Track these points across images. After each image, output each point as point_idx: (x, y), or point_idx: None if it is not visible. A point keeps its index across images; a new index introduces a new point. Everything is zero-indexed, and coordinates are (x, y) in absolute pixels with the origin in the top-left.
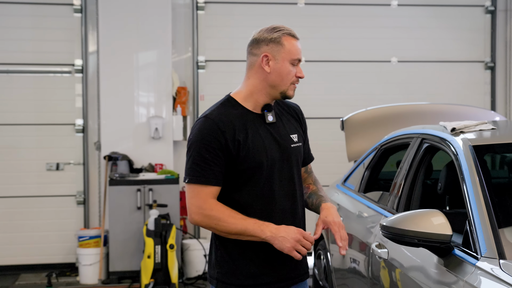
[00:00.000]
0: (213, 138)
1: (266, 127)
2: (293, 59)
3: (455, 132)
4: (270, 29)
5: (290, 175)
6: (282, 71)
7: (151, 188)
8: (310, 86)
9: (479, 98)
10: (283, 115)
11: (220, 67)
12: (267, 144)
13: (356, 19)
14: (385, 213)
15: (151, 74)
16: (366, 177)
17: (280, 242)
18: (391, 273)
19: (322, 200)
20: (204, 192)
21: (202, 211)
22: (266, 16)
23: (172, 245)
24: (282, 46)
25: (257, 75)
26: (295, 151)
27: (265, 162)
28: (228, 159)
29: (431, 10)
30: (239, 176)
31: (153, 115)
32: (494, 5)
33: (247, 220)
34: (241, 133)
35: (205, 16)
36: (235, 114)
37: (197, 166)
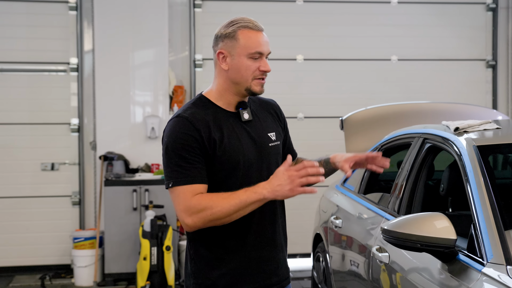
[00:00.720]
0: (189, 136)
1: (242, 126)
2: (251, 53)
3: (459, 131)
4: (227, 23)
5: (268, 175)
6: (239, 67)
7: (147, 189)
8: (309, 85)
9: (480, 97)
10: (259, 112)
11: None
12: (244, 144)
13: (355, 17)
14: (386, 215)
15: (147, 73)
16: (366, 178)
17: (279, 190)
18: (392, 277)
19: (325, 157)
20: (189, 191)
21: (192, 211)
22: (264, 14)
23: (169, 246)
24: (236, 41)
25: (220, 74)
26: (273, 150)
27: (242, 162)
28: (205, 158)
29: (432, 7)
30: (215, 176)
31: (149, 114)
32: (495, 3)
33: (236, 193)
34: (216, 132)
35: (202, 14)
36: (208, 113)
37: (178, 167)
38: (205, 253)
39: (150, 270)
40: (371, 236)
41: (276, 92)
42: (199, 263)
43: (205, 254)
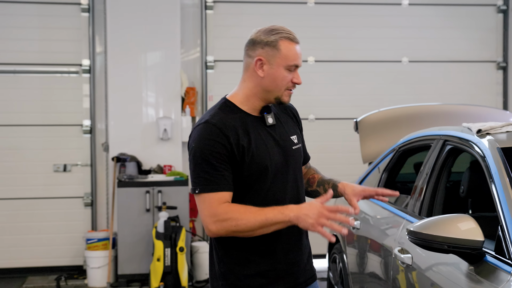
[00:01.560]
0: (217, 143)
1: (267, 130)
2: (289, 65)
3: (481, 133)
4: (268, 30)
5: (294, 178)
6: (276, 76)
7: (160, 190)
8: (320, 86)
9: (491, 99)
10: (280, 115)
11: (229, 67)
12: (270, 148)
13: (366, 19)
14: (407, 217)
15: (159, 74)
16: (383, 180)
17: (303, 220)
18: (415, 278)
19: (334, 181)
20: (215, 199)
21: (217, 218)
22: (275, 16)
23: (182, 247)
24: (278, 51)
25: (252, 79)
26: (296, 153)
27: (270, 166)
28: (234, 165)
29: (442, 9)
30: (243, 182)
31: (161, 115)
32: (506, 4)
33: (264, 209)
34: (244, 137)
35: (214, 16)
36: (235, 118)
37: (205, 174)
38: (235, 254)
39: (164, 271)
40: (391, 238)
41: None
42: (229, 264)
43: (236, 255)
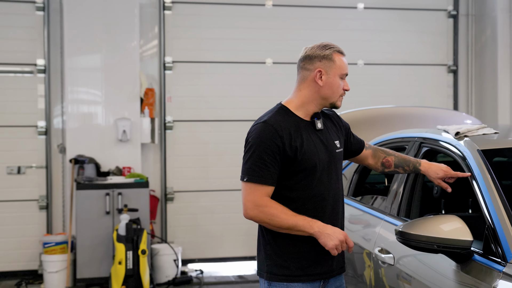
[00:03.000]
0: (272, 142)
1: (316, 134)
2: (342, 74)
3: (459, 136)
4: (322, 46)
5: (337, 177)
6: (333, 84)
7: (120, 192)
8: (278, 88)
9: (442, 101)
10: (326, 122)
11: (188, 68)
12: (319, 149)
13: (323, 22)
14: (385, 218)
15: (118, 75)
16: (355, 181)
17: (325, 238)
18: (398, 278)
19: (414, 163)
20: (260, 190)
21: (258, 207)
22: (234, 17)
23: (144, 250)
24: (333, 62)
25: (310, 88)
26: (339, 156)
27: (318, 164)
28: (285, 161)
29: (397, 13)
30: (295, 176)
31: (120, 117)
32: (456, 10)
33: (297, 216)
34: (297, 138)
35: (172, 16)
36: (290, 121)
37: (256, 167)
38: (282, 239)
39: (126, 275)
40: (369, 238)
41: (245, 95)
42: (276, 247)
43: (282, 240)
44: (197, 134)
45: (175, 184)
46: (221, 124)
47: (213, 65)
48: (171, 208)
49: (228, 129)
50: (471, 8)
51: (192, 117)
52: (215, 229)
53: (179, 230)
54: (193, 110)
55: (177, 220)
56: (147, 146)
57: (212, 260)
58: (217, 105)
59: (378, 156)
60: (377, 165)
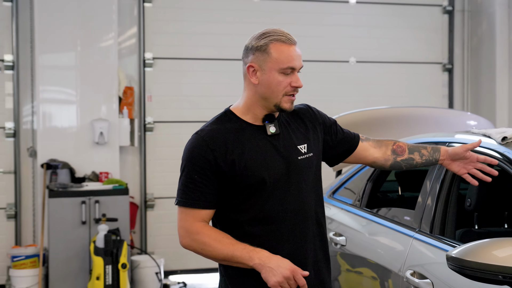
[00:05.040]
0: (201, 157)
1: (268, 140)
2: (282, 68)
3: (507, 142)
4: (259, 35)
5: (299, 191)
6: (270, 82)
7: (97, 200)
8: None
9: (437, 101)
10: (290, 122)
11: (169, 65)
12: (269, 159)
13: (313, 16)
14: (416, 236)
15: (94, 73)
16: (368, 191)
17: (267, 272)
18: None
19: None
20: (191, 215)
21: (190, 235)
22: (219, 11)
23: (125, 264)
24: (268, 55)
25: (249, 87)
26: (304, 164)
27: (267, 178)
28: (222, 178)
29: (390, 8)
30: (239, 195)
31: (97, 117)
32: (452, 5)
33: (235, 245)
34: (235, 149)
35: (153, 9)
36: (230, 129)
37: (185, 188)
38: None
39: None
40: (397, 259)
41: (231, 94)
42: (228, 280)
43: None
44: (180, 136)
45: (155, 190)
46: None
47: (197, 62)
48: (151, 216)
49: None
50: (467, 3)
51: (174, 117)
52: None
53: (160, 239)
54: (175, 110)
55: (158, 228)
56: (126, 149)
57: (195, 271)
58: (201, 105)
59: (385, 144)
60: (386, 155)
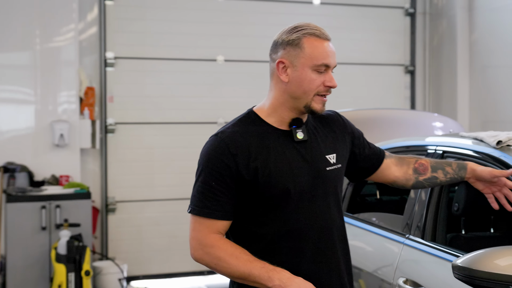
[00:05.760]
0: (221, 162)
1: (295, 147)
2: (316, 65)
3: (501, 146)
4: (290, 28)
5: (326, 205)
6: (302, 80)
7: (58, 205)
8: (230, 88)
9: (399, 103)
10: (319, 130)
11: (132, 65)
12: (295, 168)
13: (277, 16)
14: (407, 242)
15: (54, 72)
16: (348, 194)
17: None
18: None
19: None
20: (206, 225)
21: (203, 248)
22: (182, 10)
23: (88, 271)
24: (301, 50)
25: (277, 86)
26: (332, 175)
27: (292, 189)
28: (243, 187)
29: (354, 10)
30: (260, 206)
31: (57, 119)
32: (413, 8)
33: (253, 262)
34: (259, 156)
35: (114, 8)
36: (254, 133)
37: (201, 195)
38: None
39: None
40: (387, 266)
41: (194, 95)
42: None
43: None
44: (142, 138)
45: (117, 194)
46: (168, 126)
47: (160, 62)
48: (112, 220)
49: (176, 132)
50: (428, 6)
51: (137, 119)
52: (161, 242)
53: (122, 244)
54: (137, 111)
55: (120, 233)
56: (86, 152)
57: (158, 276)
58: (164, 106)
59: (406, 163)
60: (407, 174)
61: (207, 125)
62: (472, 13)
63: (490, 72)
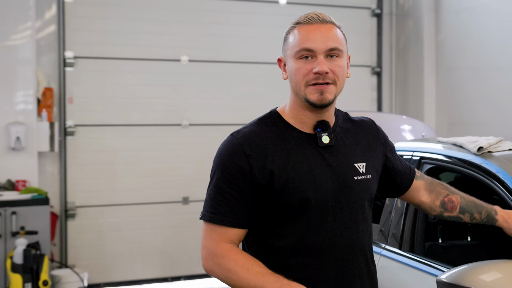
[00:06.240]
0: (233, 163)
1: (319, 152)
2: (296, 52)
3: (482, 152)
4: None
5: (352, 220)
6: (291, 72)
7: (14, 211)
8: (194, 88)
9: (366, 104)
10: (349, 135)
11: (92, 65)
12: (318, 174)
13: (243, 16)
14: (383, 252)
15: (10, 72)
16: None
17: None
18: None
19: (488, 210)
20: (218, 233)
21: (213, 258)
22: (145, 9)
23: (46, 281)
24: (287, 42)
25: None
26: (360, 186)
27: (313, 198)
28: (258, 192)
29: (320, 10)
30: (275, 216)
31: (13, 121)
32: (380, 8)
33: (266, 276)
34: (277, 158)
35: (74, 5)
36: (273, 133)
37: (212, 200)
38: None
39: None
40: None
41: (157, 96)
42: None
43: None
44: (103, 141)
45: (77, 199)
46: (130, 129)
47: (121, 62)
48: (72, 226)
49: (138, 134)
50: (395, 7)
51: (97, 121)
52: (123, 248)
53: (82, 251)
54: (98, 113)
55: (80, 239)
56: (44, 155)
57: (120, 284)
58: (126, 107)
59: (436, 192)
60: (434, 204)
61: (171, 127)
62: (438, 15)
63: (456, 74)
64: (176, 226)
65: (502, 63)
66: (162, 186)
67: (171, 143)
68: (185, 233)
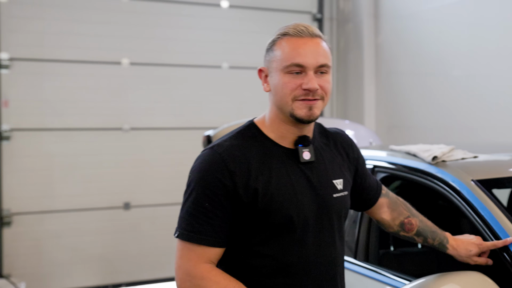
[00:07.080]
0: (216, 180)
1: (300, 168)
2: (286, 66)
3: (437, 161)
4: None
5: (331, 237)
6: (276, 85)
7: None
8: (135, 92)
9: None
10: (325, 150)
11: (29, 67)
12: (300, 192)
13: (184, 19)
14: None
15: None
16: None
17: None
18: None
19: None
20: (196, 253)
21: (191, 279)
22: (83, 10)
23: None
24: (273, 53)
25: (269, 97)
26: (338, 203)
27: (296, 218)
28: (239, 210)
29: (262, 14)
30: (257, 234)
31: None
32: (321, 13)
33: None
34: (260, 176)
35: (9, 5)
36: (255, 149)
37: (191, 217)
38: None
39: None
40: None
41: (97, 100)
42: None
43: None
44: (41, 145)
45: (13, 205)
46: (69, 133)
47: (59, 65)
48: (8, 234)
49: (77, 139)
50: (335, 12)
51: (34, 125)
52: (62, 256)
53: (18, 260)
54: (35, 117)
55: (16, 248)
56: None
57: None
58: (65, 111)
59: (398, 212)
60: (393, 223)
61: (111, 132)
62: (378, 20)
63: (396, 78)
64: (117, 232)
65: (440, 68)
66: (102, 191)
67: (112, 148)
68: (126, 239)
